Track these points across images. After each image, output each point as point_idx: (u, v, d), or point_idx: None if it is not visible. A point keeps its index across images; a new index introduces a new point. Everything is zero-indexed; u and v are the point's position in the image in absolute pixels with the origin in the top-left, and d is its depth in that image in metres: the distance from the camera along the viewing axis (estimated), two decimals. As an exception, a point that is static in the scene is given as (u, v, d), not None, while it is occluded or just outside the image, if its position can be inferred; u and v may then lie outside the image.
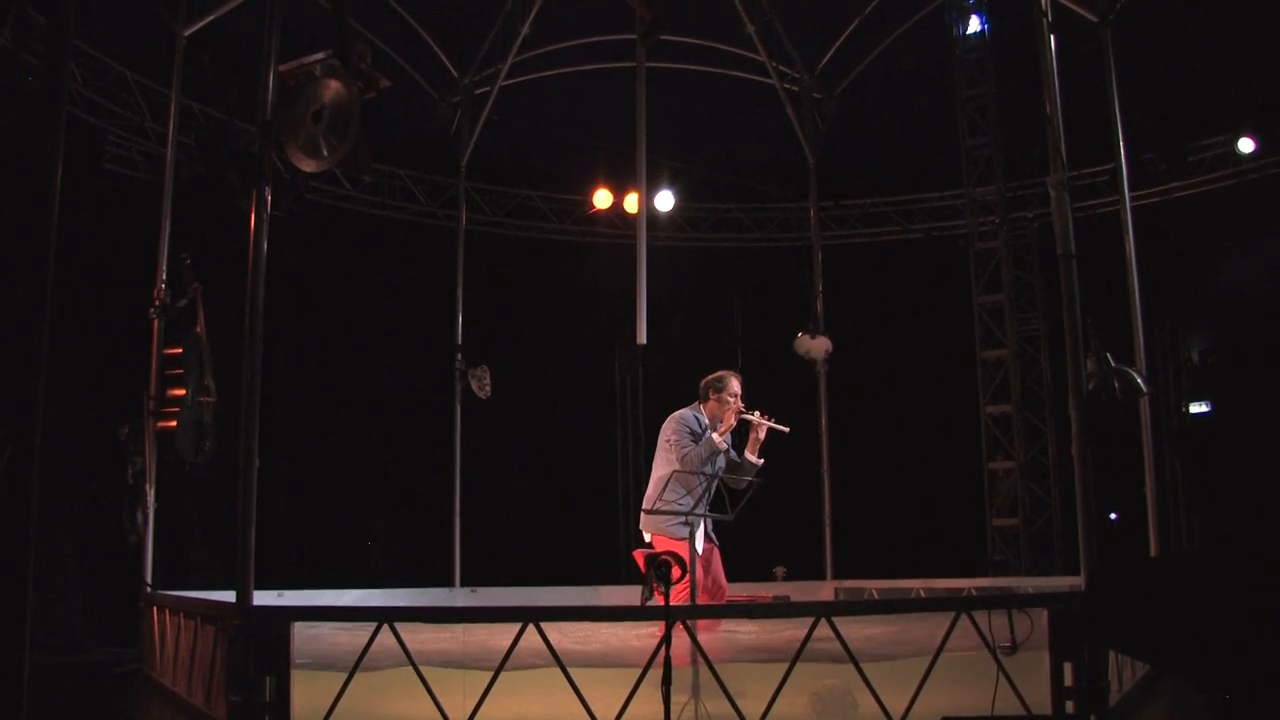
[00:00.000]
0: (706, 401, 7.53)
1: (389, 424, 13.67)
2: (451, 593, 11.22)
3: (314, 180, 11.60)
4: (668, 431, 7.43)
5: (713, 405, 7.49)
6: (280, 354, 9.67)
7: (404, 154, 13.98)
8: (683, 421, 7.43)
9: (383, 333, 13.78)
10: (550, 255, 15.11)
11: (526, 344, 14.53)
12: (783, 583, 11.19)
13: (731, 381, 7.50)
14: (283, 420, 12.08)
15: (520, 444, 14.67)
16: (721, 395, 7.47)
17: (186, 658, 6.27)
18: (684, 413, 7.51)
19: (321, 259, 13.00)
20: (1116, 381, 6.16)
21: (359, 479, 13.52)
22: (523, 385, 13.92)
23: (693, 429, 7.40)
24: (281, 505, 12.36)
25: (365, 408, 13.59)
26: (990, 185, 14.12)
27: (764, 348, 13.86)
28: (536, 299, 14.80)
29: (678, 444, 7.30)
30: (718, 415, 7.45)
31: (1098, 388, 6.03)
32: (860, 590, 11.10)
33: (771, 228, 15.67)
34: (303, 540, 12.66)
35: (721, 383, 7.51)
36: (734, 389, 7.48)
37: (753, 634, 6.95)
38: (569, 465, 14.81)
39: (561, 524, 14.45)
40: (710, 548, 7.38)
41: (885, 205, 15.34)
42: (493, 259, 14.02)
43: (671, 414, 7.52)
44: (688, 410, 7.53)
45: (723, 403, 7.45)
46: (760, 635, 6.86)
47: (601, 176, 13.88)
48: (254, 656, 5.05)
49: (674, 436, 7.37)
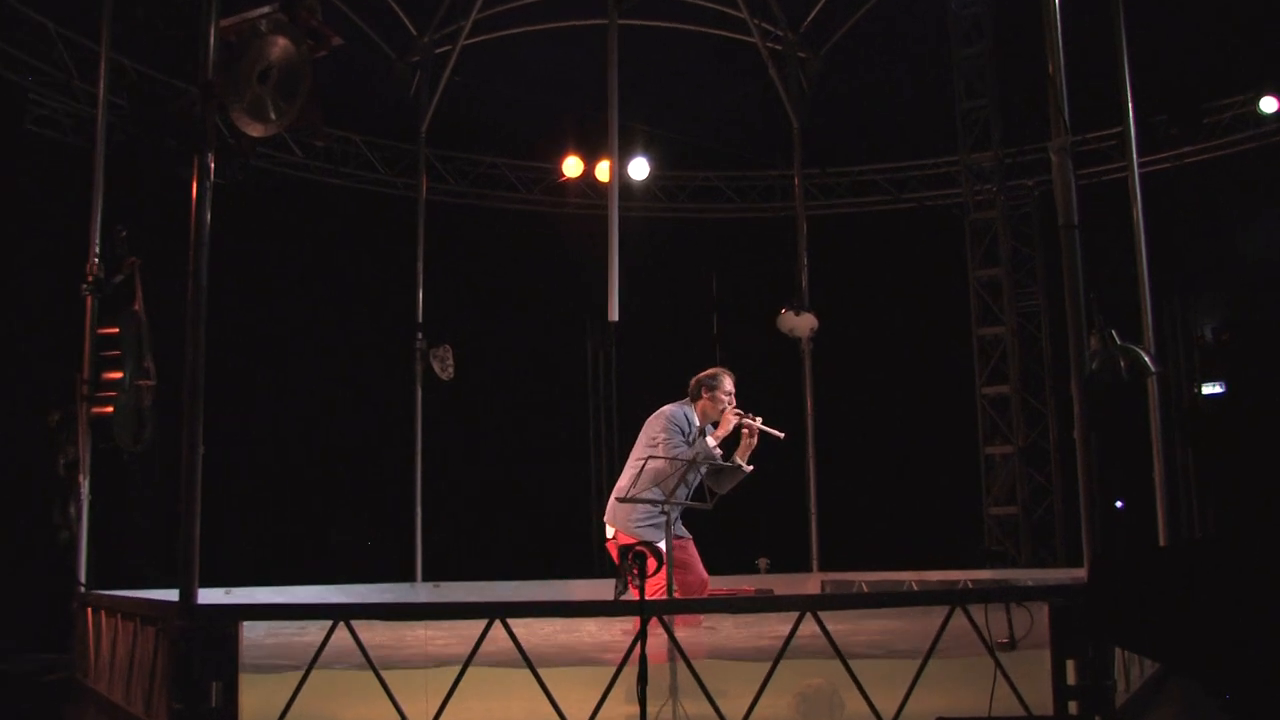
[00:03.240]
0: (698, 400, 7.42)
1: (345, 408, 13.61)
2: (413, 588, 11.26)
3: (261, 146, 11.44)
4: (654, 429, 7.28)
5: (705, 404, 7.39)
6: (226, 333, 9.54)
7: (359, 118, 13.89)
8: (672, 420, 7.28)
9: (338, 311, 13.71)
10: (517, 227, 15.06)
11: (492, 322, 14.48)
12: (766, 575, 11.22)
13: (725, 380, 7.41)
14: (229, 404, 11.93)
15: (485, 428, 14.63)
16: (715, 395, 7.37)
17: (124, 663, 6.21)
18: (673, 410, 7.36)
19: (270, 231, 12.90)
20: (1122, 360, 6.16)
21: (313, 467, 13.45)
22: (488, 366, 13.89)
23: (682, 428, 7.27)
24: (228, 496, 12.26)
25: (319, 390, 13.52)
26: (987, 151, 14.15)
27: (745, 325, 13.85)
28: (502, 274, 14.75)
29: (667, 445, 7.16)
30: (711, 416, 7.36)
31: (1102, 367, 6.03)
32: (848, 583, 11.15)
33: (753, 197, 15.66)
34: (252, 533, 12.58)
35: (715, 381, 7.41)
36: (728, 388, 7.39)
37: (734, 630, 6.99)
38: (538, 451, 14.78)
39: (530, 514, 14.42)
40: (685, 542, 7.32)
41: (875, 173, 15.35)
42: (455, 231, 13.98)
43: (659, 410, 7.39)
44: (676, 407, 7.38)
45: (716, 402, 7.36)
46: (742, 631, 6.92)
47: (571, 142, 13.89)
48: (199, 660, 5.00)
49: (662, 435, 7.21)
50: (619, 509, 7.19)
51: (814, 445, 11.85)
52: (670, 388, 7.63)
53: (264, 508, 12.90)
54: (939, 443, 14.13)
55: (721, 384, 7.40)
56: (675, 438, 7.19)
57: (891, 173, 15.34)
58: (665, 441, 7.16)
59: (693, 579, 7.23)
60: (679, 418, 7.30)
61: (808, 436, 11.79)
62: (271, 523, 12.89)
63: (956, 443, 14.15)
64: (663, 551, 5.85)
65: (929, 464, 14.01)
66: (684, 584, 7.08)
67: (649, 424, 7.34)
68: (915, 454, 14.05)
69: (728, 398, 7.37)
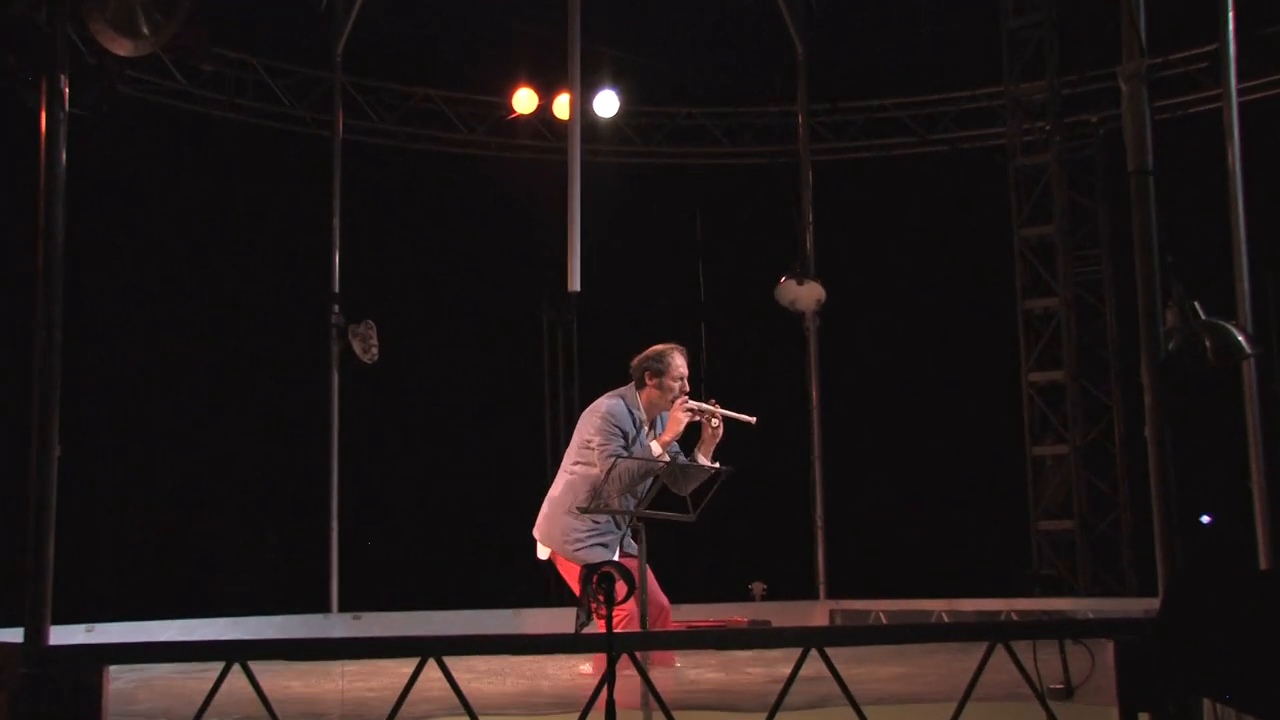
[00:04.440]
0: (643, 388, 7.30)
1: (240, 398, 13.52)
2: (327, 620, 11.33)
3: (131, 68, 11.36)
4: (586, 430, 7.20)
5: (651, 393, 7.25)
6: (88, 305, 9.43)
7: (258, 38, 13.75)
8: (610, 416, 7.17)
9: (232, 278, 13.59)
10: (456, 175, 14.98)
11: (425, 293, 14.45)
12: (762, 603, 11.29)
13: (675, 360, 7.25)
14: (93, 394, 11.90)
15: (418, 423, 14.56)
16: (663, 381, 7.22)
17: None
18: (609, 403, 7.25)
19: (146, 175, 12.79)
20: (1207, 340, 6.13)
21: (200, 471, 13.34)
22: (421, 346, 13.90)
23: (623, 427, 7.17)
24: (92, 508, 12.17)
25: (207, 377, 13.43)
26: (1040, 80, 14.10)
27: (736, 297, 13.83)
28: (438, 234, 14.69)
29: (603, 451, 7.07)
30: (660, 406, 7.24)
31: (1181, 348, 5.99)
32: (863, 613, 11.20)
33: (747, 139, 15.59)
34: (123, 556, 12.51)
35: (662, 362, 7.24)
36: (679, 370, 7.24)
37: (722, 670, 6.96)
38: (481, 451, 14.75)
39: (473, 528, 14.38)
40: (633, 561, 7.24)
41: (898, 108, 15.29)
42: (380, 180, 13.94)
43: (592, 404, 7.32)
44: (615, 399, 7.28)
45: (665, 390, 7.21)
46: (732, 672, 6.90)
47: (523, 71, 13.78)
48: (50, 715, 4.92)
49: (597, 439, 7.12)
50: (554, 525, 7.13)
51: (820, 444, 11.85)
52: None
53: (137, 523, 12.82)
54: (976, 442, 14.10)
55: (671, 366, 7.23)
56: (613, 441, 7.10)
57: (918, 108, 15.28)
58: (600, 447, 7.08)
59: (651, 607, 7.09)
60: (619, 414, 7.19)
61: (813, 433, 11.81)
62: (147, 542, 12.81)
63: (998, 442, 14.13)
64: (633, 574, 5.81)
65: (963, 468, 13.99)
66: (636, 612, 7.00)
67: (582, 422, 7.27)
68: (946, 455, 14.04)
69: (678, 384, 7.22)
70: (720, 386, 8.90)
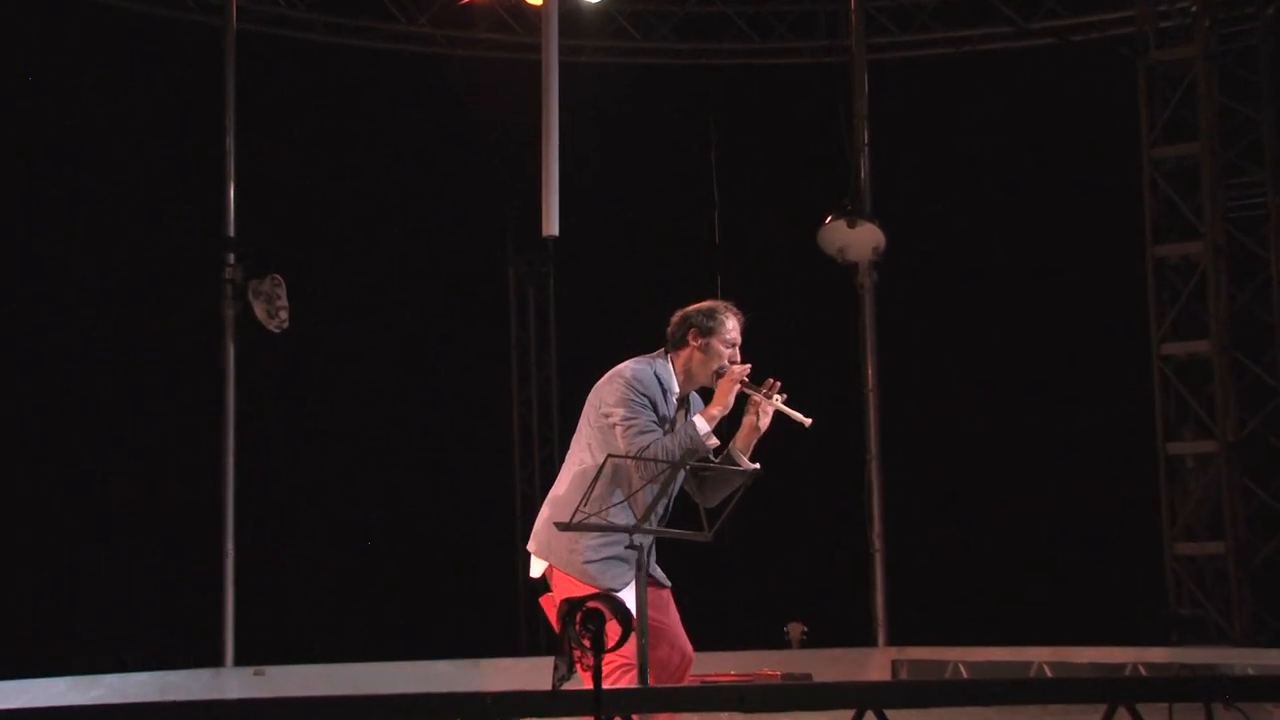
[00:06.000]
0: (682, 349, 7.32)
1: (100, 380, 13.45)
2: (217, 676, 11.36)
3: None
4: (606, 397, 7.21)
5: (694, 356, 7.27)
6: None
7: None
8: (635, 382, 7.18)
9: (91, 217, 13.55)
10: (394, 80, 15.05)
11: (353, 240, 14.43)
12: (801, 650, 11.32)
13: (729, 321, 7.29)
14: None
15: (341, 414, 14.56)
16: (710, 344, 7.24)
17: None
18: (636, 367, 7.27)
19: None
20: None
21: (44, 486, 13.27)
22: (347, 310, 13.94)
23: (651, 396, 7.19)
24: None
25: (62, 355, 13.37)
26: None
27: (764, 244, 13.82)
28: (369, 158, 14.72)
29: (626, 424, 7.08)
30: (699, 378, 7.27)
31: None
32: (936, 665, 11.21)
33: (781, 33, 15.59)
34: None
35: (714, 319, 7.28)
36: (731, 335, 7.29)
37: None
38: (429, 451, 14.82)
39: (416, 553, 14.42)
40: (662, 594, 7.26)
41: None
42: (290, 85, 13.96)
43: (613, 369, 7.32)
44: (642, 363, 7.31)
45: (712, 356, 7.24)
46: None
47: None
48: None
49: (620, 410, 7.13)
50: (556, 535, 7.11)
51: (878, 440, 11.83)
52: (642, 346, 7.51)
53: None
54: (1089, 438, 14.13)
55: (722, 328, 7.26)
56: (642, 414, 7.11)
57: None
58: (624, 420, 7.07)
59: (672, 655, 7.18)
60: (646, 379, 7.19)
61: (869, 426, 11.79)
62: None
63: (1119, 437, 14.13)
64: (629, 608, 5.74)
65: (1072, 473, 14.02)
66: (659, 662, 7.03)
67: (598, 389, 7.26)
68: (1048, 456, 14.08)
69: (730, 350, 7.25)
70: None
